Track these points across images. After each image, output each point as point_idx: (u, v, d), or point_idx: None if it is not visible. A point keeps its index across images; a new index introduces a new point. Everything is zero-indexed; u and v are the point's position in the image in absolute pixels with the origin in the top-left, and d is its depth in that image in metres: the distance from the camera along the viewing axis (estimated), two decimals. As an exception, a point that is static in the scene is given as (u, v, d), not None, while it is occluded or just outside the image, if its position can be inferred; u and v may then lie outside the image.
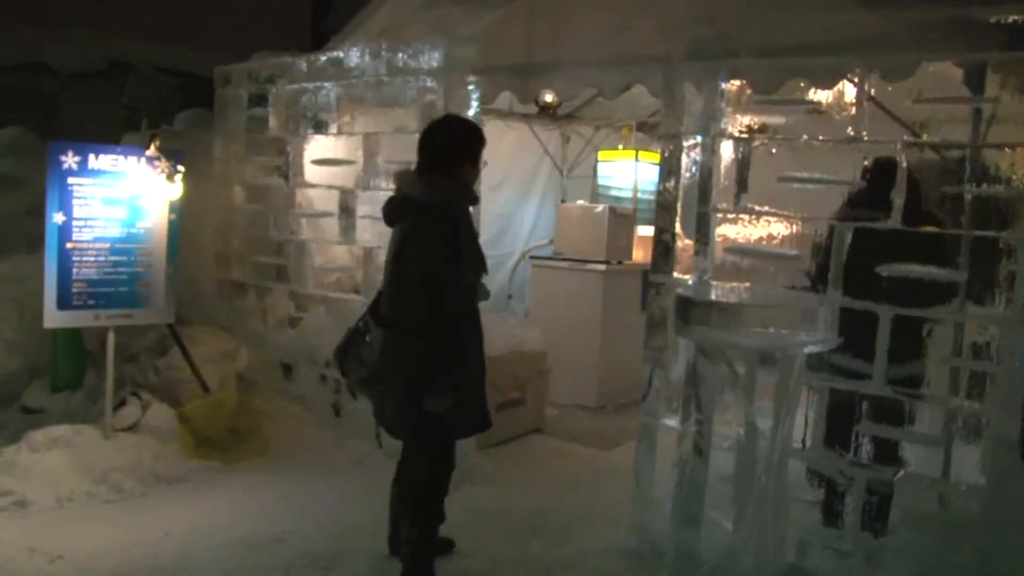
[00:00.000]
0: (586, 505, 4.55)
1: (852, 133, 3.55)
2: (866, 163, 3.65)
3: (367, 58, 5.21)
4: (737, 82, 3.83)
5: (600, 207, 6.74)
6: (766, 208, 3.78)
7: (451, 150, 3.39)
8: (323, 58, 5.56)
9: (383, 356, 3.26)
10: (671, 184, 3.94)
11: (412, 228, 3.25)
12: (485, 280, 3.58)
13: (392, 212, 3.37)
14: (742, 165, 3.82)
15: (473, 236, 3.40)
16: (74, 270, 4.71)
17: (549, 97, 6.28)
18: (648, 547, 3.89)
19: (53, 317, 4.70)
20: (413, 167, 3.44)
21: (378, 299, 3.46)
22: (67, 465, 4.43)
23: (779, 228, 3.78)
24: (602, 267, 6.47)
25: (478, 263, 3.38)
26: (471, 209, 3.46)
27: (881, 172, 3.57)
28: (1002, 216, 3.35)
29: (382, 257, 5.37)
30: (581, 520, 4.33)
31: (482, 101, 5.06)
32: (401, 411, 3.34)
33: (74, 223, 4.71)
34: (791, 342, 3.11)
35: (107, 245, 4.82)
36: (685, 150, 3.89)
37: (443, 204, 3.24)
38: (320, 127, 5.66)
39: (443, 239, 3.19)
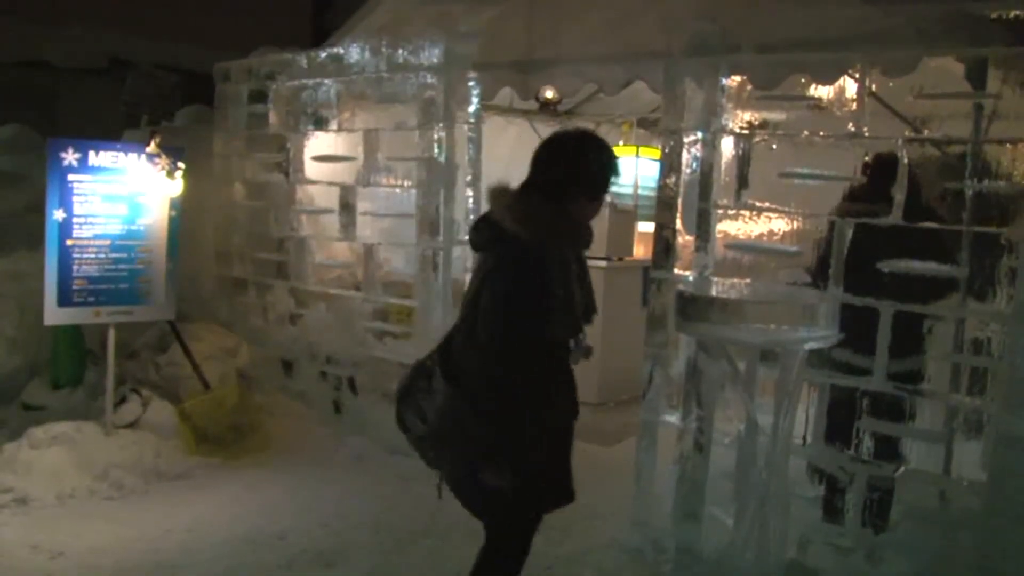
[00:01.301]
0: (587, 501, 4.50)
1: (853, 129, 3.55)
2: (866, 159, 3.65)
3: (367, 54, 5.20)
4: (738, 78, 3.82)
5: (601, 203, 6.72)
6: (767, 204, 3.77)
7: (566, 176, 2.68)
8: (323, 54, 5.55)
9: (444, 416, 2.66)
10: (672, 180, 3.93)
11: (495, 268, 2.62)
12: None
13: (477, 239, 2.74)
14: (743, 161, 3.81)
15: (570, 285, 2.67)
16: (74, 267, 4.71)
17: (549, 93, 6.28)
18: (649, 543, 3.90)
19: (53, 314, 4.70)
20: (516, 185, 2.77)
21: (451, 337, 2.80)
22: (68, 462, 4.44)
23: (780, 224, 3.78)
24: (603, 263, 6.46)
25: (569, 316, 2.69)
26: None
27: (879, 168, 3.57)
28: (1003, 212, 3.35)
29: (382, 253, 5.43)
30: (582, 516, 4.31)
31: (482, 97, 5.06)
32: (464, 481, 2.78)
33: (74, 220, 4.70)
34: (792, 338, 3.11)
35: (107, 242, 4.82)
36: (686, 146, 3.89)
37: (535, 243, 2.57)
38: (320, 123, 5.65)
39: (525, 286, 2.56)
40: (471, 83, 4.91)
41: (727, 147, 3.84)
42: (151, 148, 4.94)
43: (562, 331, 2.68)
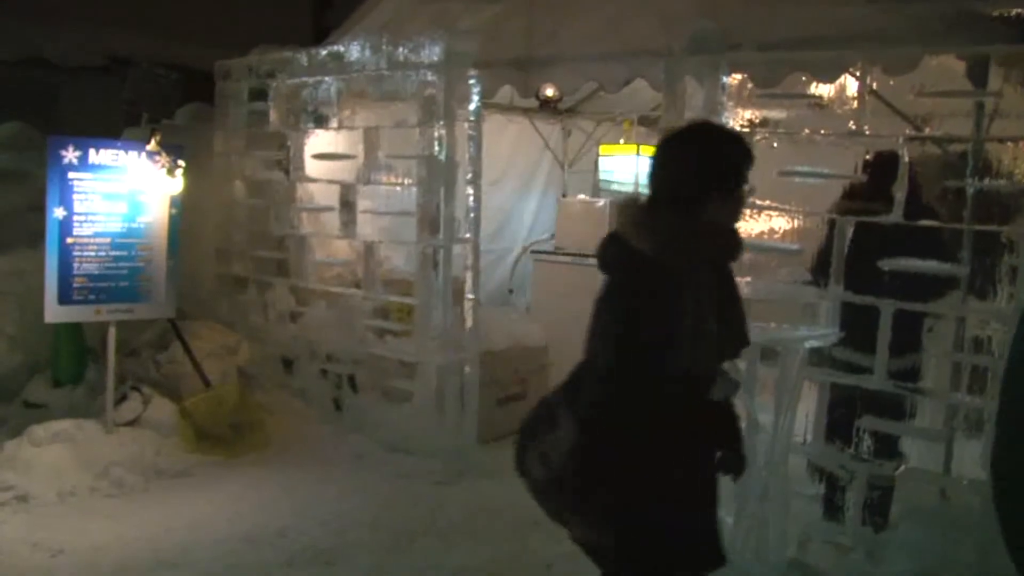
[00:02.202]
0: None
1: (854, 127, 3.55)
2: (867, 157, 3.65)
3: (368, 52, 5.20)
4: (738, 76, 3.82)
5: (601, 201, 6.73)
6: (767, 202, 3.77)
7: (688, 173, 2.30)
8: (324, 52, 5.55)
9: (570, 461, 2.28)
10: (672, 178, 3.92)
11: (616, 290, 2.31)
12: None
13: (604, 259, 2.40)
14: (743, 159, 3.80)
15: (703, 310, 2.24)
16: (75, 265, 4.70)
17: (550, 91, 6.27)
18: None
19: (54, 312, 4.69)
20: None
21: (578, 369, 2.44)
22: (68, 460, 4.44)
23: (780, 222, 3.79)
24: (603, 261, 6.45)
25: (699, 348, 2.24)
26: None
27: (880, 166, 3.57)
28: (1004, 210, 3.35)
29: (383, 251, 5.43)
30: (582, 514, 4.32)
31: (483, 95, 5.05)
32: (593, 539, 2.40)
33: (75, 218, 4.70)
34: (792, 336, 3.11)
35: (108, 240, 4.81)
36: (686, 144, 3.88)
37: (666, 261, 2.22)
38: (321, 121, 5.65)
39: (649, 311, 2.21)
40: (471, 81, 4.90)
41: (728, 145, 3.83)
42: (151, 146, 4.94)
43: (691, 364, 2.25)
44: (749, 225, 3.82)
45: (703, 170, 2.30)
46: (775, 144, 3.77)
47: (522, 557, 3.87)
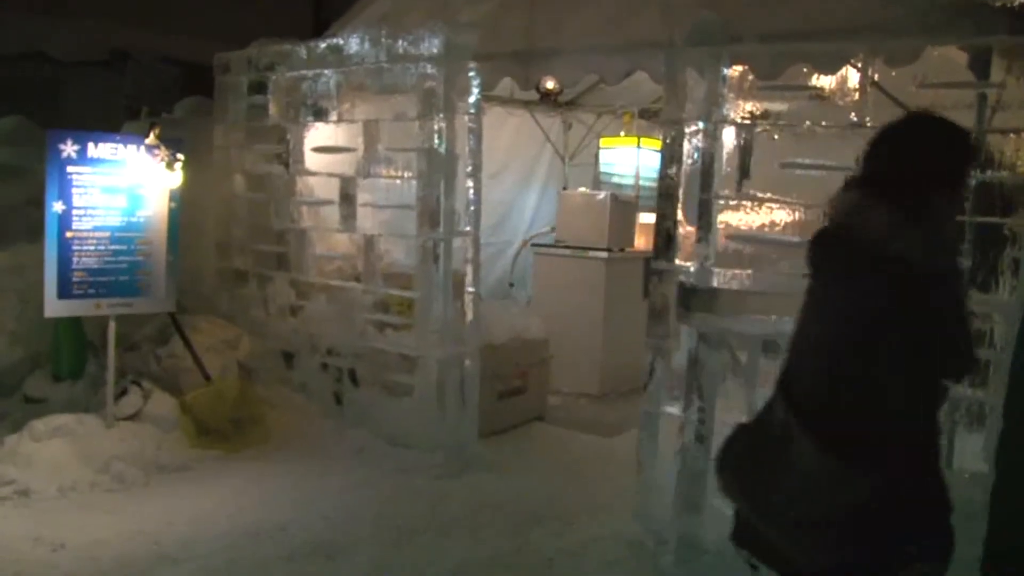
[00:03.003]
0: (588, 493, 4.55)
1: (855, 119, 3.53)
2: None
3: (367, 45, 5.18)
4: (739, 68, 3.80)
5: (602, 194, 6.72)
6: (768, 195, 3.76)
7: (934, 168, 2.17)
8: (323, 45, 5.53)
9: (836, 498, 2.04)
10: (673, 171, 3.91)
11: (892, 302, 2.04)
12: None
13: (836, 259, 2.19)
14: (744, 151, 3.79)
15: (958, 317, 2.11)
16: (74, 259, 4.70)
17: (550, 84, 6.27)
18: (651, 535, 3.90)
19: (54, 306, 4.69)
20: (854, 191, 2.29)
21: (790, 380, 2.20)
22: (69, 454, 4.44)
23: (781, 215, 3.77)
24: (604, 254, 6.45)
25: (975, 352, 2.18)
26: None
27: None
28: (1006, 202, 3.33)
29: (383, 245, 5.42)
30: (583, 508, 4.33)
31: (483, 88, 5.03)
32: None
33: (74, 212, 4.69)
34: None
35: (107, 234, 4.81)
36: (687, 136, 3.87)
37: (933, 266, 2.03)
38: (320, 114, 5.63)
39: (931, 323, 2.03)
40: (471, 73, 4.89)
41: (728, 137, 3.82)
42: (151, 140, 4.93)
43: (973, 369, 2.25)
44: (750, 217, 3.80)
45: (947, 166, 2.19)
46: (776, 136, 3.76)
47: (523, 552, 3.86)
